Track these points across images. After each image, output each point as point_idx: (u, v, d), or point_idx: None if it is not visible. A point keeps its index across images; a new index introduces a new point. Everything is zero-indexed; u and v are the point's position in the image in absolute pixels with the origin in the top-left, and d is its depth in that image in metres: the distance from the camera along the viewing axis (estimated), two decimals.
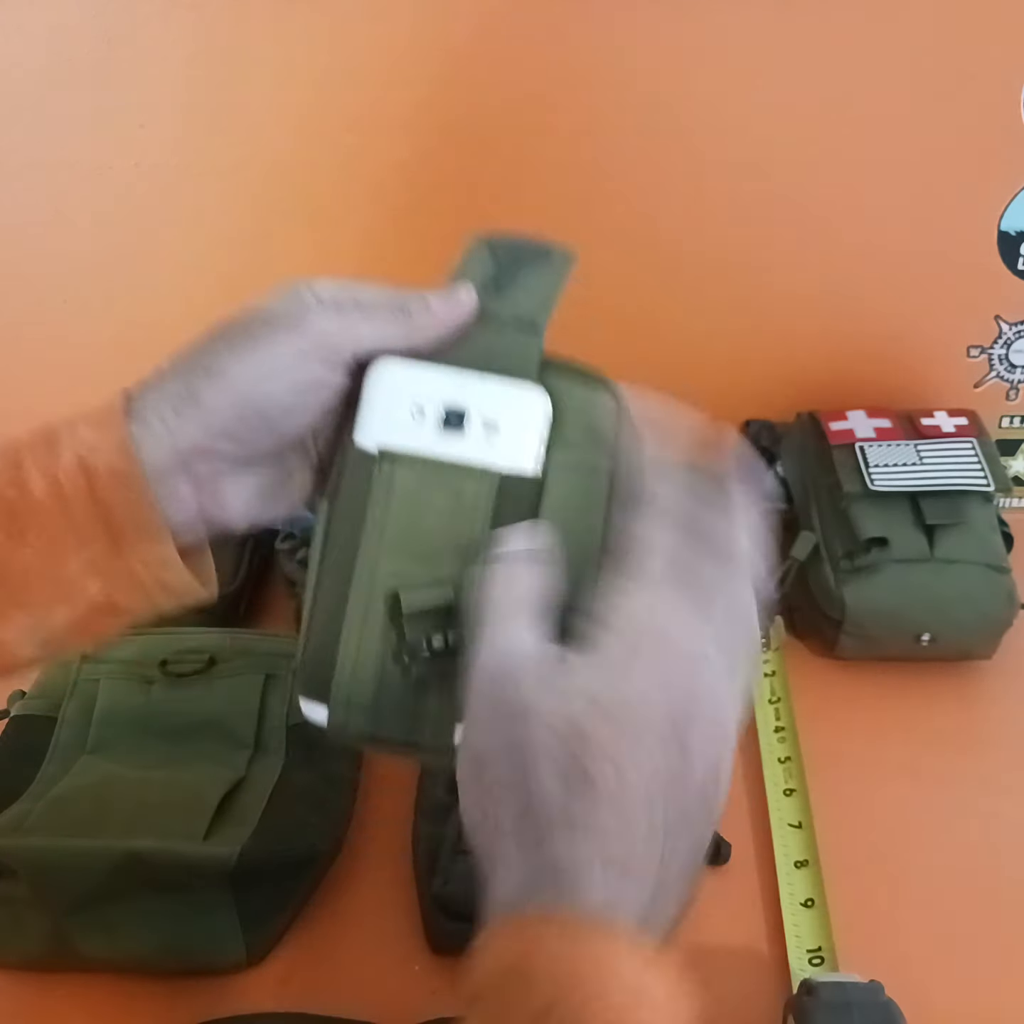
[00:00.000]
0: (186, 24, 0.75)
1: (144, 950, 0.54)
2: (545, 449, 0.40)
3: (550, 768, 0.32)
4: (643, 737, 0.32)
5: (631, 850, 0.32)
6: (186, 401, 0.38)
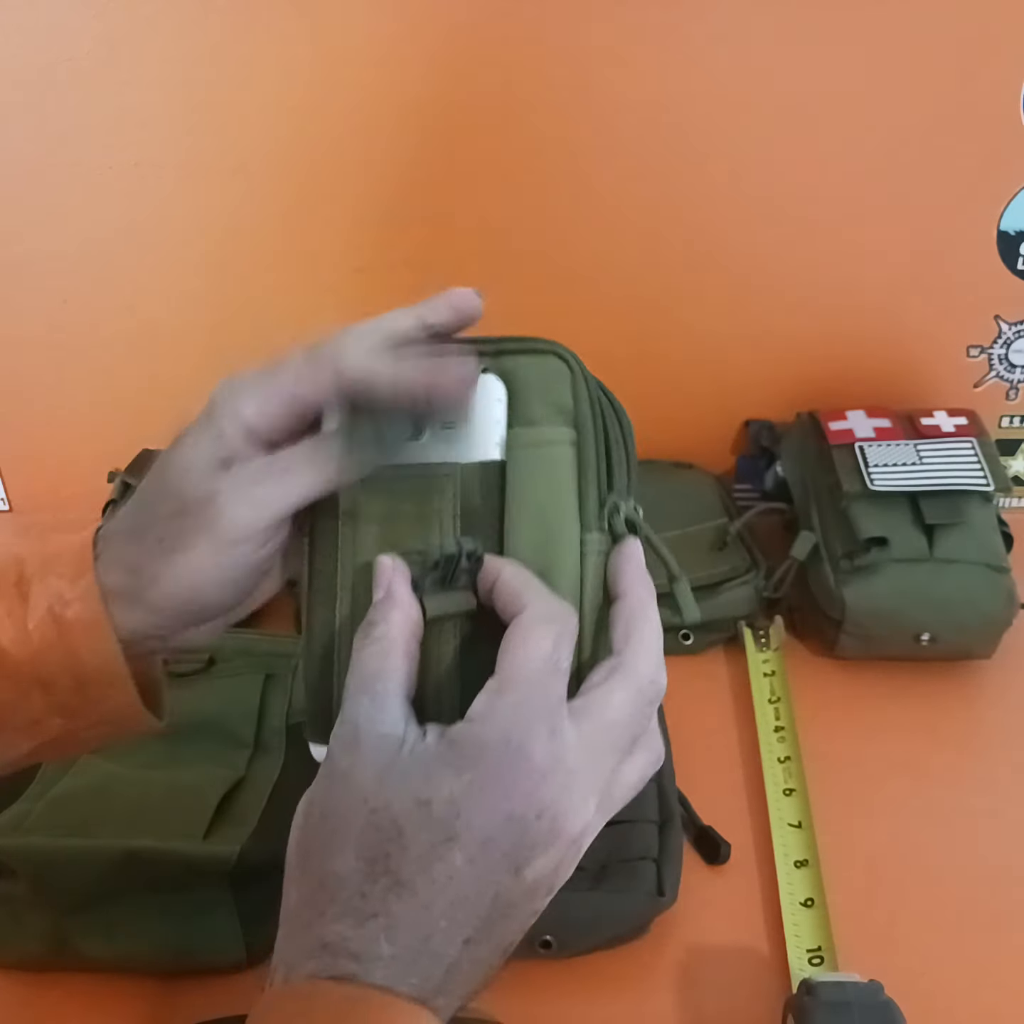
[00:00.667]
0: (186, 24, 0.75)
1: (144, 950, 0.54)
2: (506, 430, 0.39)
3: (355, 850, 0.33)
4: (469, 847, 0.33)
5: (424, 942, 0.32)
6: (129, 600, 0.39)
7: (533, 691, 0.34)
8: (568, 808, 0.34)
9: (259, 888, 0.56)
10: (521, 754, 0.33)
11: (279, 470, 0.38)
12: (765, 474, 0.88)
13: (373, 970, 0.32)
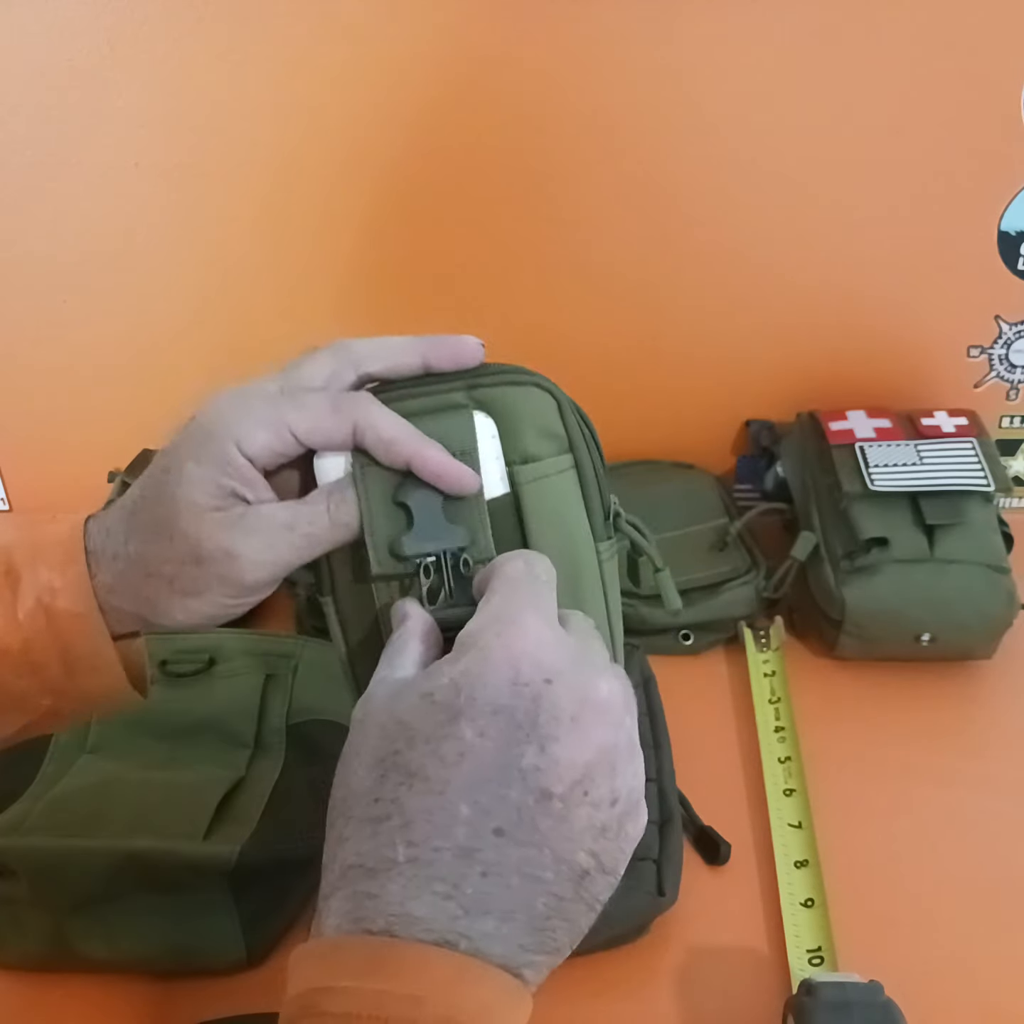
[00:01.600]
0: (186, 24, 0.75)
1: (144, 950, 0.54)
2: (506, 463, 0.40)
3: (366, 762, 0.32)
4: (477, 718, 0.31)
5: (444, 834, 0.30)
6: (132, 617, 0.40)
7: (515, 587, 0.35)
8: (587, 674, 0.32)
9: (259, 888, 0.56)
10: (516, 624, 0.33)
11: (302, 535, 0.38)
12: (765, 474, 0.88)
13: (390, 884, 0.29)
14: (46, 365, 0.90)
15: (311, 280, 0.86)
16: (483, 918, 0.29)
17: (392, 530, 0.39)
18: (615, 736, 0.32)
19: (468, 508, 0.39)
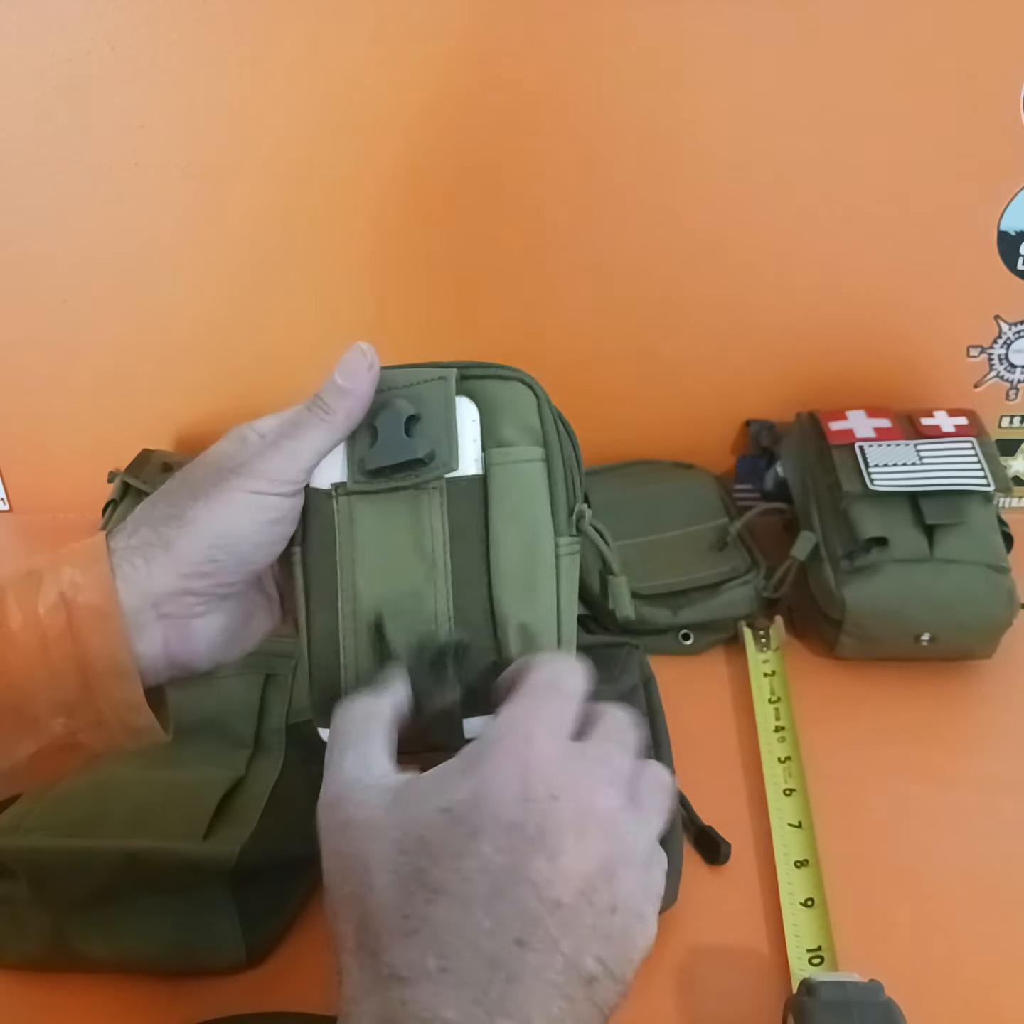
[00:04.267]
0: (186, 24, 0.75)
1: (144, 950, 0.54)
2: (482, 448, 0.43)
3: (387, 879, 0.33)
4: (494, 834, 0.32)
5: (471, 946, 0.31)
6: (157, 548, 0.41)
7: (535, 700, 0.36)
8: (589, 790, 0.34)
9: (259, 888, 0.56)
10: (528, 741, 0.34)
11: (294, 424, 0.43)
12: (765, 474, 0.88)
13: (421, 991, 0.31)
14: (46, 365, 0.90)
15: (312, 281, 0.86)
16: (504, 1020, 0.31)
17: (364, 450, 0.42)
18: (613, 847, 0.34)
19: (434, 423, 0.42)
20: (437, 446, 0.42)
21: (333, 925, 0.35)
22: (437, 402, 0.43)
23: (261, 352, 0.89)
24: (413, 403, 0.43)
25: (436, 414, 0.43)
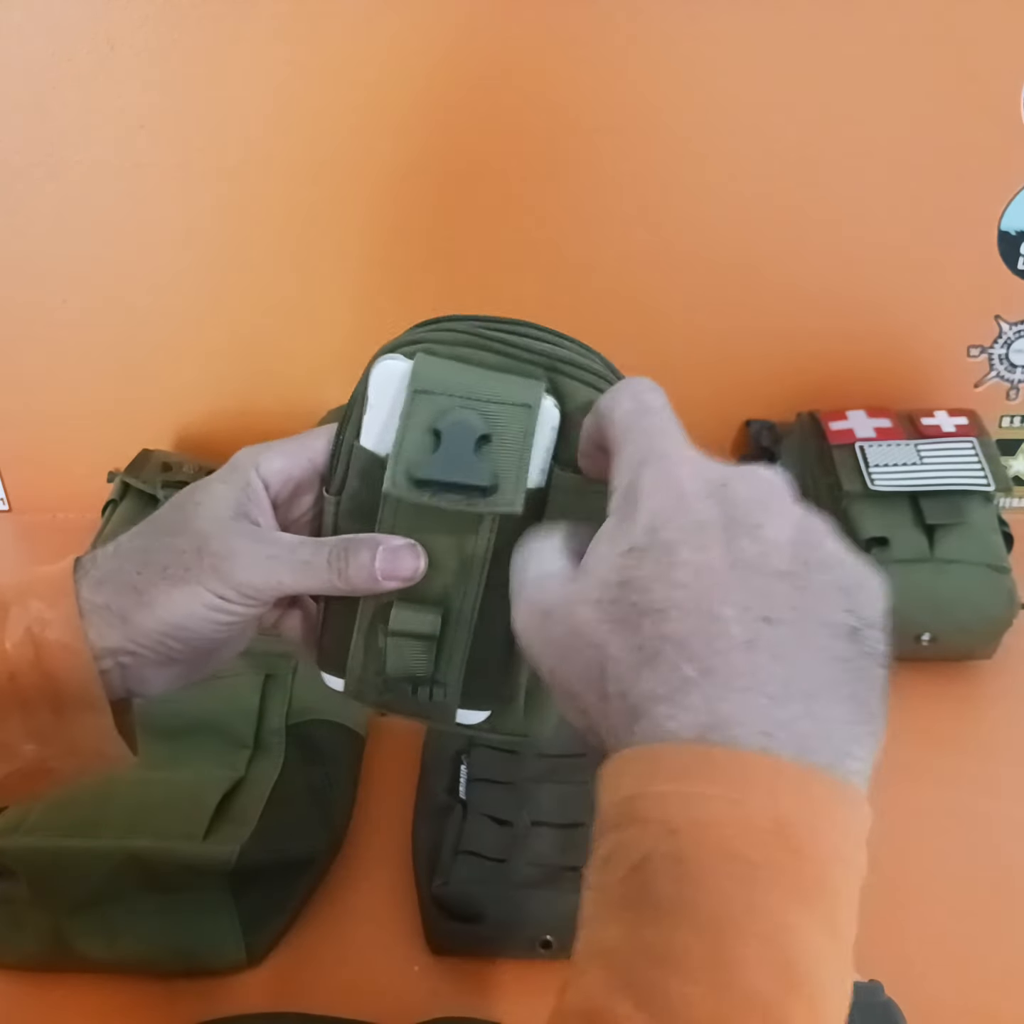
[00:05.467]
0: (186, 24, 0.75)
1: (144, 950, 0.54)
2: (552, 459, 0.39)
3: (607, 628, 0.31)
4: (686, 540, 0.31)
5: (714, 639, 0.30)
6: (115, 616, 0.40)
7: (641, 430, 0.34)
8: (751, 471, 0.33)
9: (259, 888, 0.56)
10: (665, 456, 0.33)
11: (300, 562, 0.40)
12: None
13: (688, 698, 0.29)
14: (46, 365, 0.90)
15: (313, 281, 0.86)
16: (790, 703, 0.29)
17: (418, 454, 0.37)
18: (794, 509, 0.33)
19: (506, 452, 0.37)
20: (503, 480, 0.37)
21: (579, 720, 0.33)
22: (514, 432, 0.38)
23: (260, 352, 0.89)
24: (486, 421, 0.38)
25: (510, 445, 0.38)
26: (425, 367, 0.39)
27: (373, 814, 0.64)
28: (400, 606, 0.40)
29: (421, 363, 0.39)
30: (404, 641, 0.40)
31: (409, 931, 0.58)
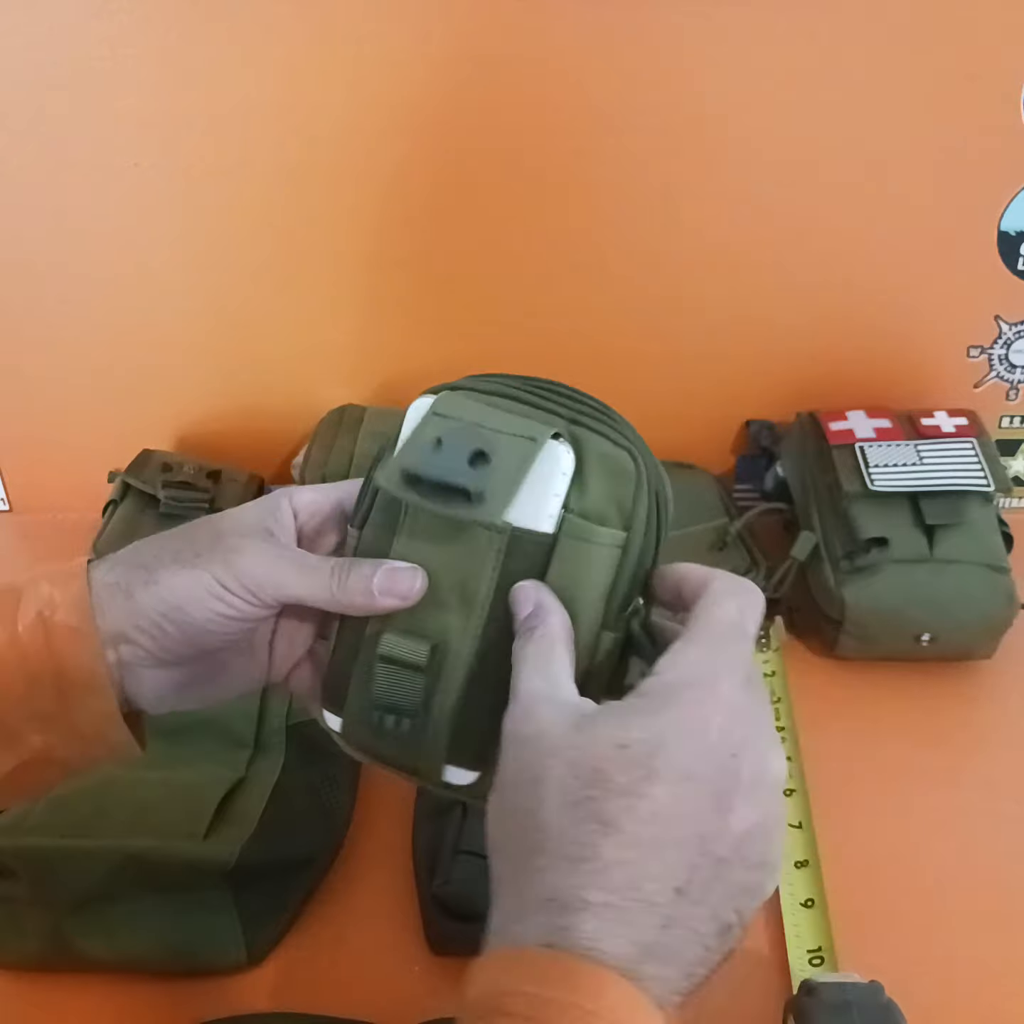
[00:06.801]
0: (186, 24, 0.75)
1: (144, 950, 0.54)
2: (564, 506, 0.39)
3: (559, 800, 0.33)
4: (671, 782, 0.33)
5: (636, 887, 0.32)
6: (121, 593, 0.41)
7: (720, 644, 0.36)
8: (763, 751, 0.34)
9: (259, 888, 0.56)
10: (713, 693, 0.34)
11: (306, 565, 0.41)
12: (765, 474, 0.88)
13: (583, 923, 0.31)
14: (46, 365, 0.90)
15: (314, 283, 0.86)
16: (651, 962, 0.32)
17: (416, 455, 0.39)
18: (775, 808, 0.35)
19: (500, 472, 0.38)
20: (490, 493, 0.38)
21: (495, 838, 0.35)
22: (513, 457, 0.38)
23: (260, 352, 0.89)
24: (487, 442, 0.38)
25: (506, 467, 0.38)
26: (448, 399, 0.41)
27: (373, 814, 0.64)
28: (393, 632, 0.40)
29: (445, 396, 0.41)
30: (393, 668, 0.40)
31: (409, 931, 0.58)
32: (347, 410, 0.88)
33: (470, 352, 0.88)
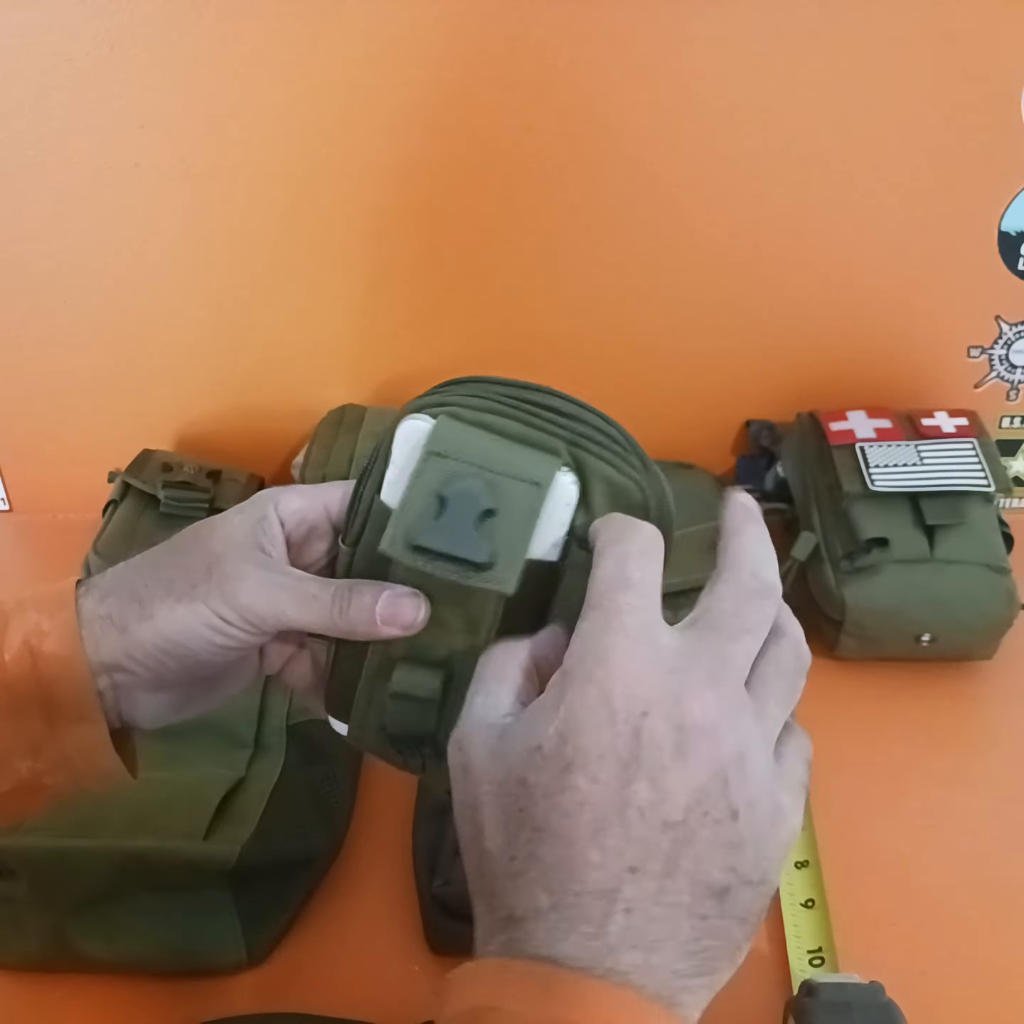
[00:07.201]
0: (186, 24, 0.75)
1: (144, 950, 0.54)
2: (568, 534, 0.38)
3: (494, 822, 0.33)
4: (587, 765, 0.31)
5: (578, 879, 0.31)
6: (114, 627, 0.40)
7: (602, 610, 0.33)
8: (684, 698, 0.32)
9: (259, 888, 0.56)
10: (604, 661, 0.32)
11: (306, 594, 0.40)
12: (765, 474, 0.88)
13: (537, 929, 0.31)
14: (46, 365, 0.90)
15: (314, 282, 0.86)
16: (630, 952, 0.30)
17: (419, 518, 0.37)
18: (719, 752, 0.32)
19: (508, 530, 0.37)
20: (500, 558, 0.37)
21: (467, 869, 0.35)
22: (520, 510, 0.37)
23: (260, 352, 0.89)
24: (493, 494, 0.37)
25: (514, 523, 0.37)
26: (444, 430, 0.39)
27: (373, 814, 0.64)
28: (402, 668, 0.40)
29: (441, 425, 0.39)
30: (405, 704, 0.40)
31: (409, 931, 0.58)
32: (347, 410, 0.88)
33: (470, 352, 0.88)
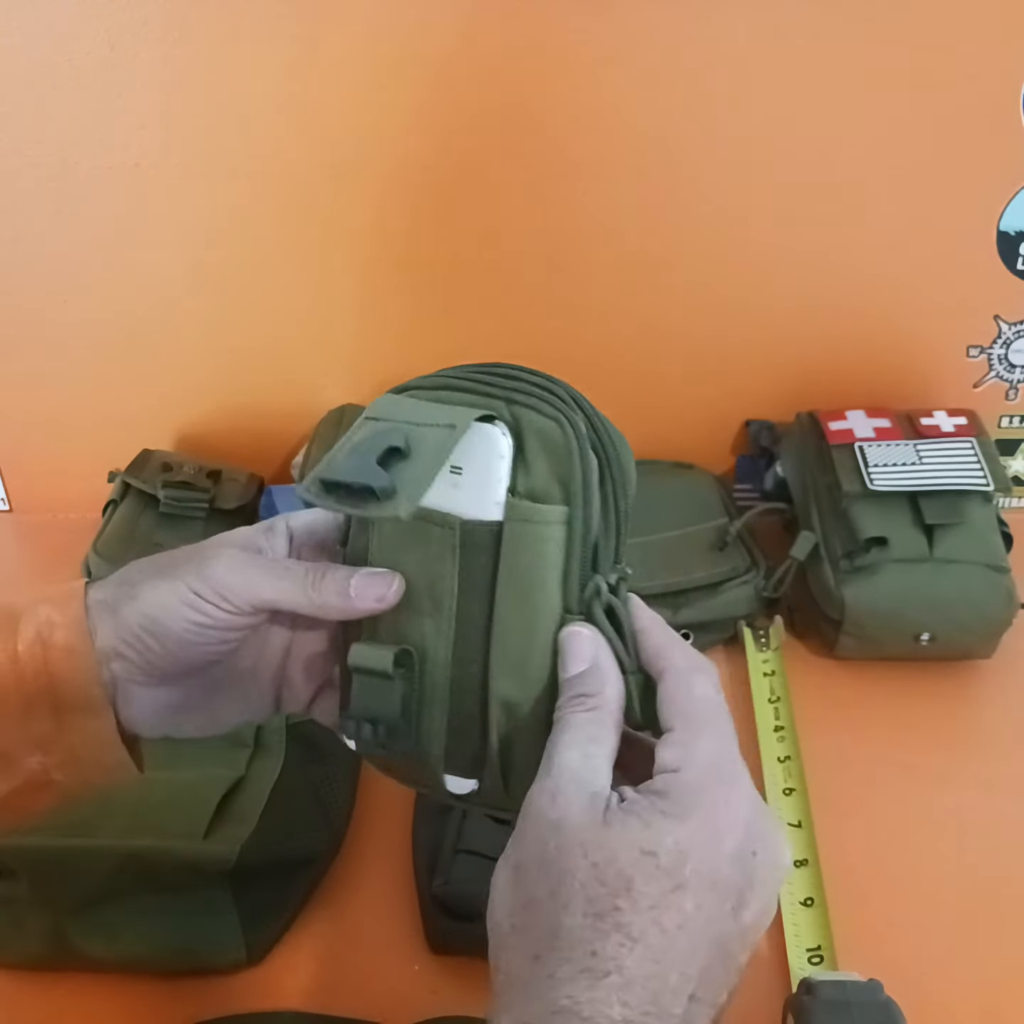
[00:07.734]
0: (186, 24, 0.75)
1: (144, 950, 0.54)
2: (509, 491, 0.38)
3: (586, 907, 0.32)
4: (698, 891, 0.32)
5: (655, 1001, 0.31)
6: (107, 610, 0.41)
7: (719, 732, 0.36)
8: (778, 841, 0.35)
9: (259, 888, 0.56)
10: (737, 790, 0.34)
11: (279, 567, 0.40)
12: (765, 474, 0.88)
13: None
14: (47, 366, 0.90)
15: (314, 282, 0.86)
16: None
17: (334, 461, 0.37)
18: (774, 897, 0.35)
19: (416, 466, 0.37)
20: (402, 488, 0.36)
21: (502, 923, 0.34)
22: (430, 448, 0.37)
23: (260, 353, 0.89)
24: (408, 439, 0.37)
25: (422, 460, 0.37)
26: (384, 401, 0.40)
27: (373, 814, 0.64)
28: (362, 642, 0.40)
29: (382, 399, 0.40)
30: (365, 679, 0.39)
31: (409, 931, 0.58)
32: (347, 410, 0.88)
33: (470, 352, 0.87)
